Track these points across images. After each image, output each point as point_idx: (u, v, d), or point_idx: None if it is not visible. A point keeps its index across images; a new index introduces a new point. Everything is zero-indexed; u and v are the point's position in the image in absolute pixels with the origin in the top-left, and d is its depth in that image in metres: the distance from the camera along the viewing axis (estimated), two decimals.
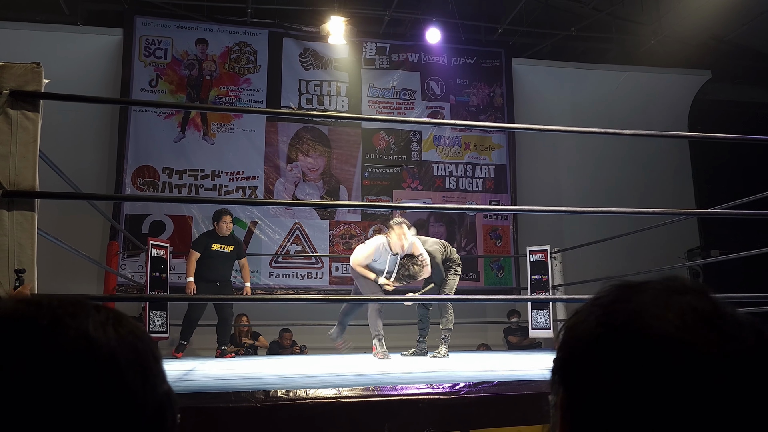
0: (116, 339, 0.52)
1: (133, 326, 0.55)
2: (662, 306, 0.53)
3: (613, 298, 0.57)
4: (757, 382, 0.50)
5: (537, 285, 7.10)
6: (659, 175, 9.46)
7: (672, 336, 0.51)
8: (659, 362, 0.50)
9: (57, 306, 0.53)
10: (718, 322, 0.52)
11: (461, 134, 9.31)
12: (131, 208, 8.07)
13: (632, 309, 0.54)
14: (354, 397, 1.94)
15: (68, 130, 7.57)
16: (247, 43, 8.85)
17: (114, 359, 0.50)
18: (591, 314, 0.56)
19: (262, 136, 8.65)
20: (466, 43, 9.42)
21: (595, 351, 0.54)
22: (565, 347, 0.57)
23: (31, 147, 2.10)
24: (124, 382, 0.50)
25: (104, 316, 0.54)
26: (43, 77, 2.24)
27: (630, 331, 0.52)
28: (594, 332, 0.55)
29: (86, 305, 0.54)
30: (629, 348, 0.52)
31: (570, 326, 0.58)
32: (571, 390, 0.55)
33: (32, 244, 2.04)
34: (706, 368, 0.49)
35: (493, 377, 2.21)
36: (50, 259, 4.55)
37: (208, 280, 5.86)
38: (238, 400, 1.85)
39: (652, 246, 8.23)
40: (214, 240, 5.96)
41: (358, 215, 8.78)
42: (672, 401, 0.49)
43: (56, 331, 0.50)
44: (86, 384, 0.48)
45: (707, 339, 0.51)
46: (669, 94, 9.70)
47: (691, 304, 0.53)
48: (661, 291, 0.55)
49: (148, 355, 0.54)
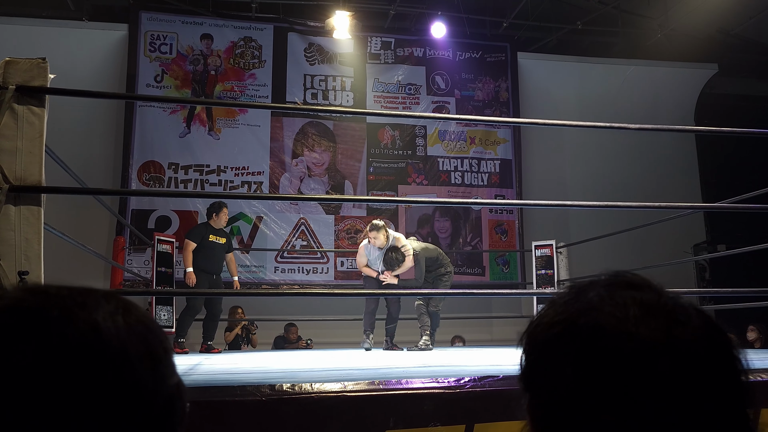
0: (126, 330, 0.51)
1: (143, 316, 0.55)
2: (606, 301, 0.55)
3: (565, 299, 0.58)
4: (702, 363, 0.52)
5: (542, 280, 7.09)
6: (665, 169, 9.41)
7: (615, 327, 0.53)
8: (605, 354, 0.52)
9: (66, 296, 0.52)
10: (661, 311, 0.54)
11: (466, 129, 9.29)
12: (137, 204, 8.10)
13: (581, 307, 0.56)
14: (359, 391, 1.94)
15: (74, 126, 7.59)
16: (252, 38, 8.84)
17: (123, 351, 0.50)
18: (545, 317, 0.58)
19: (267, 132, 8.66)
20: (471, 38, 9.39)
21: (550, 350, 0.56)
22: (526, 352, 0.59)
23: (37, 142, 2.11)
24: (133, 374, 0.50)
25: (114, 305, 0.53)
26: (48, 72, 2.25)
27: (579, 327, 0.54)
28: (547, 334, 0.57)
29: (96, 295, 0.54)
30: (577, 344, 0.54)
31: (528, 332, 0.60)
32: (533, 393, 0.57)
33: (39, 239, 2.05)
34: (650, 355, 0.51)
35: (499, 371, 2.22)
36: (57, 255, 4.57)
37: (206, 271, 5.85)
38: (244, 393, 1.85)
39: (659, 241, 8.20)
40: (210, 231, 5.97)
41: (363, 210, 8.78)
42: (621, 390, 0.51)
43: (65, 322, 0.49)
44: (95, 376, 0.48)
45: (650, 327, 0.52)
46: (676, 88, 9.65)
47: (633, 297, 0.55)
48: (605, 287, 0.57)
49: (158, 347, 0.54)
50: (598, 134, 8.67)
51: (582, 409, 0.52)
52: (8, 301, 0.51)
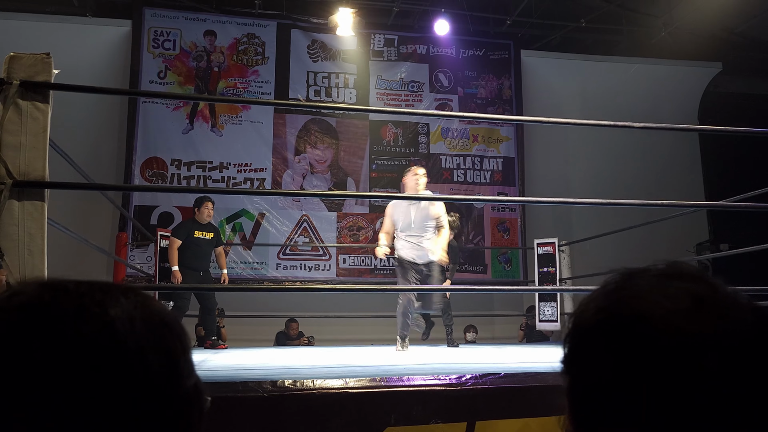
0: (143, 329, 0.50)
1: (163, 314, 0.54)
2: (656, 291, 0.54)
3: (614, 286, 0.58)
4: (753, 361, 0.50)
5: (545, 278, 7.09)
6: (669, 167, 9.39)
7: (663, 318, 0.52)
8: (650, 344, 0.51)
9: (84, 293, 0.51)
10: (713, 305, 0.53)
11: (469, 126, 9.28)
12: (140, 200, 8.11)
13: (628, 295, 0.55)
14: (361, 388, 1.95)
15: (77, 121, 7.60)
16: (255, 35, 8.84)
17: (139, 350, 0.49)
18: (593, 302, 0.57)
19: (270, 128, 8.66)
20: (474, 35, 9.37)
21: (593, 337, 0.55)
22: (570, 336, 0.58)
23: (41, 137, 2.11)
24: (148, 374, 0.49)
25: (133, 303, 0.52)
26: (52, 68, 2.25)
27: (624, 316, 0.54)
28: (593, 319, 0.56)
29: (116, 291, 0.52)
30: (623, 332, 0.53)
31: (575, 315, 0.59)
32: (573, 376, 0.56)
33: (42, 233, 2.05)
34: (697, 348, 0.50)
35: (500, 369, 2.22)
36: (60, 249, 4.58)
37: (192, 268, 5.77)
38: (246, 390, 1.86)
39: (661, 240, 8.19)
40: (196, 227, 5.89)
41: (365, 207, 8.78)
42: (663, 382, 0.50)
43: (80, 320, 0.48)
44: (108, 375, 0.47)
45: (698, 320, 0.51)
46: (679, 86, 9.62)
47: (685, 288, 0.54)
48: (657, 276, 0.56)
49: (176, 347, 0.52)
50: (601, 132, 8.65)
51: (620, 398, 0.51)
52: (25, 297, 0.50)
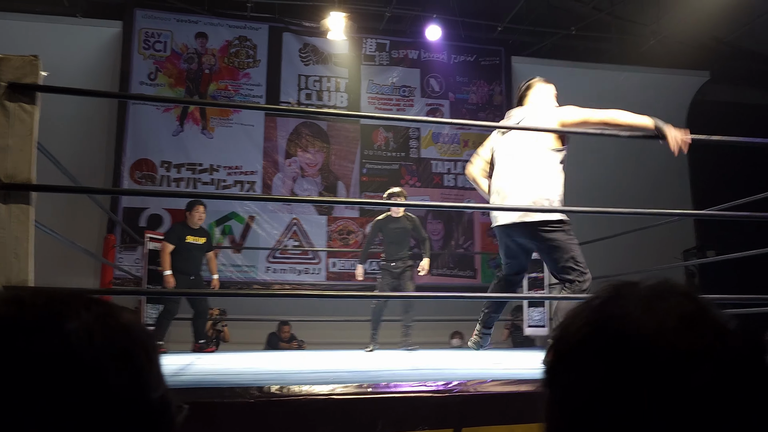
0: (103, 342, 0.49)
1: (128, 324, 0.52)
2: (644, 309, 0.54)
3: (601, 301, 0.57)
4: (738, 382, 0.50)
5: (533, 283, 7.11)
6: (657, 174, 9.46)
7: (650, 337, 0.52)
8: (637, 363, 0.51)
9: (41, 305, 0.49)
10: (700, 324, 0.53)
11: (460, 131, 9.31)
12: (129, 202, 8.07)
13: (616, 312, 0.55)
14: (348, 394, 1.95)
15: (66, 122, 7.55)
16: (247, 38, 8.83)
17: (96, 365, 0.47)
18: (580, 316, 0.57)
19: (260, 131, 8.65)
20: (466, 41, 9.41)
21: (580, 353, 0.54)
22: (554, 348, 0.58)
23: (28, 140, 2.10)
24: (107, 389, 0.47)
25: (94, 314, 0.50)
26: (40, 70, 2.24)
27: (610, 333, 0.53)
28: (579, 334, 0.56)
29: (76, 303, 0.51)
30: (610, 350, 0.52)
31: (561, 328, 0.59)
32: (557, 390, 0.56)
33: (28, 237, 2.04)
34: (684, 367, 0.50)
35: (487, 375, 2.22)
36: (47, 252, 4.55)
37: (183, 272, 5.74)
38: (233, 395, 1.86)
39: (649, 246, 8.24)
40: (188, 232, 5.85)
41: (356, 211, 8.79)
42: (649, 400, 0.50)
43: (34, 334, 0.47)
44: (63, 390, 0.46)
45: (686, 339, 0.51)
46: (668, 94, 9.69)
47: (673, 307, 0.54)
48: (646, 294, 0.56)
49: (140, 358, 0.51)
50: (590, 139, 8.67)
51: (607, 415, 0.51)
52: None
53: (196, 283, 5.89)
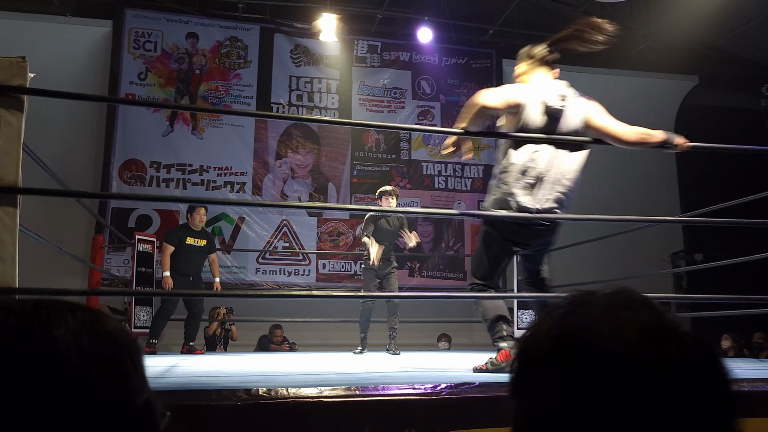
0: (89, 348, 0.50)
1: (113, 329, 0.53)
2: (605, 320, 0.55)
3: (563, 311, 0.58)
4: (694, 387, 0.52)
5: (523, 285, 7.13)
6: (646, 177, 9.53)
7: (612, 350, 0.53)
8: (598, 376, 0.52)
9: (30, 312, 0.50)
10: (658, 334, 0.54)
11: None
12: (118, 202, 8.03)
13: (577, 325, 0.56)
14: (336, 397, 1.94)
15: (55, 122, 7.50)
16: (238, 38, 8.81)
17: (84, 370, 0.48)
18: (542, 328, 0.58)
19: (251, 132, 8.63)
20: (457, 44, 9.43)
21: (545, 365, 0.55)
22: (518, 359, 0.59)
23: (15, 143, 2.08)
24: (94, 393, 0.48)
25: (80, 321, 0.51)
26: (28, 72, 2.23)
27: (574, 345, 0.54)
28: (542, 347, 0.57)
29: (62, 310, 0.52)
30: (571, 363, 0.53)
31: (526, 339, 0.60)
32: (523, 402, 0.57)
33: (14, 240, 2.02)
34: (642, 378, 0.51)
35: (475, 378, 2.23)
36: (35, 253, 4.52)
37: (182, 274, 5.77)
38: (220, 398, 1.85)
39: (638, 249, 8.30)
40: (188, 234, 5.88)
41: (346, 213, 8.79)
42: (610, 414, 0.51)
43: (22, 341, 0.48)
44: (52, 396, 0.46)
45: (644, 351, 0.53)
46: (657, 98, 9.77)
47: (632, 319, 0.55)
48: (605, 305, 0.57)
49: (125, 363, 0.52)
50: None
51: (568, 426, 0.52)
52: None
53: (195, 284, 5.89)
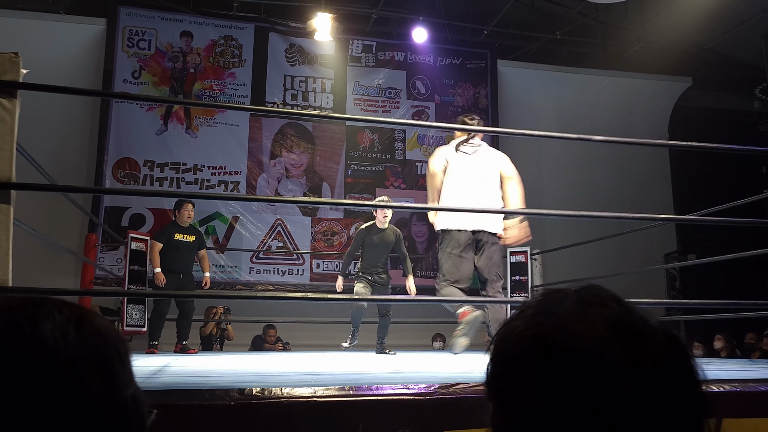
0: (76, 342, 0.50)
1: (99, 326, 0.53)
2: (575, 318, 0.56)
3: (535, 310, 0.59)
4: (663, 382, 0.53)
5: (516, 286, 7.14)
6: (639, 179, 9.56)
7: (583, 348, 0.53)
8: (571, 375, 0.53)
9: (15, 308, 0.51)
10: (628, 330, 0.55)
11: (445, 134, 9.33)
12: (111, 201, 7.99)
13: (549, 323, 0.56)
14: (329, 397, 1.94)
15: (48, 120, 7.47)
16: (232, 37, 8.79)
17: (72, 364, 0.49)
18: (514, 329, 0.58)
19: (245, 131, 8.61)
20: (452, 44, 9.44)
21: (516, 366, 0.56)
22: (495, 360, 0.60)
23: (8, 138, 2.07)
24: (82, 387, 0.49)
25: (66, 317, 0.52)
26: (21, 67, 2.21)
27: (545, 345, 0.55)
28: (516, 348, 0.57)
29: (48, 306, 0.52)
30: (544, 362, 0.54)
31: (499, 339, 0.60)
32: (500, 403, 0.57)
33: (7, 236, 2.01)
34: (615, 377, 0.52)
35: (469, 378, 2.23)
36: (27, 251, 4.50)
37: (172, 271, 5.75)
38: (213, 398, 1.84)
39: (631, 249, 8.32)
40: (177, 230, 5.86)
41: (340, 213, 8.78)
42: (584, 410, 0.51)
43: (10, 336, 0.48)
44: (40, 390, 0.47)
45: (616, 348, 0.53)
46: (651, 99, 9.81)
47: (602, 315, 0.56)
48: (576, 302, 0.57)
49: (112, 358, 0.52)
50: (574, 143, 8.76)
51: (545, 426, 0.52)
52: None
53: (186, 281, 5.86)
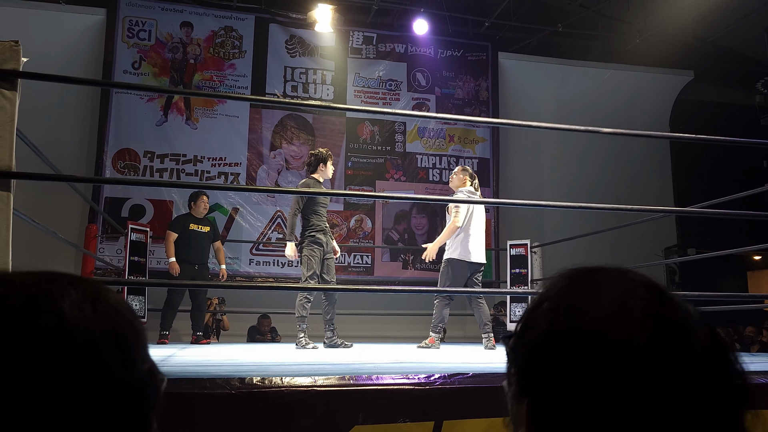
0: (93, 318, 0.50)
1: (114, 301, 0.54)
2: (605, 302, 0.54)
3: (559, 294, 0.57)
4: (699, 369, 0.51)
5: (516, 279, 7.16)
6: (640, 172, 9.56)
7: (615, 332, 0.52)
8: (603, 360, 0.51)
9: (31, 284, 0.51)
10: (662, 316, 0.53)
11: (446, 127, 9.32)
12: (111, 191, 7.99)
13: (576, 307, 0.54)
14: (329, 386, 1.94)
15: (48, 110, 7.45)
16: (232, 28, 8.76)
17: (90, 340, 0.49)
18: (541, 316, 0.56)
19: (245, 123, 8.59)
20: (453, 36, 9.41)
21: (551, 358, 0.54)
22: (525, 350, 0.57)
23: (8, 126, 2.07)
24: (101, 362, 0.49)
25: (82, 292, 0.52)
26: (21, 56, 2.21)
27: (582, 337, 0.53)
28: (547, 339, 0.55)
29: (63, 282, 0.52)
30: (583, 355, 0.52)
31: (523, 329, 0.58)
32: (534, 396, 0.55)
33: (7, 225, 2.01)
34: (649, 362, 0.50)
35: (469, 369, 2.23)
36: (27, 241, 4.49)
37: (187, 261, 5.83)
38: (213, 386, 1.85)
39: (631, 243, 8.33)
40: (191, 220, 5.96)
41: (340, 205, 8.77)
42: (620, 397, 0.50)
43: (29, 312, 0.48)
44: (60, 366, 0.47)
45: (649, 333, 0.52)
46: (652, 92, 9.79)
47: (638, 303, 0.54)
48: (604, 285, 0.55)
49: (128, 333, 0.53)
50: (575, 136, 8.75)
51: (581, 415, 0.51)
52: None
53: (201, 272, 5.92)
